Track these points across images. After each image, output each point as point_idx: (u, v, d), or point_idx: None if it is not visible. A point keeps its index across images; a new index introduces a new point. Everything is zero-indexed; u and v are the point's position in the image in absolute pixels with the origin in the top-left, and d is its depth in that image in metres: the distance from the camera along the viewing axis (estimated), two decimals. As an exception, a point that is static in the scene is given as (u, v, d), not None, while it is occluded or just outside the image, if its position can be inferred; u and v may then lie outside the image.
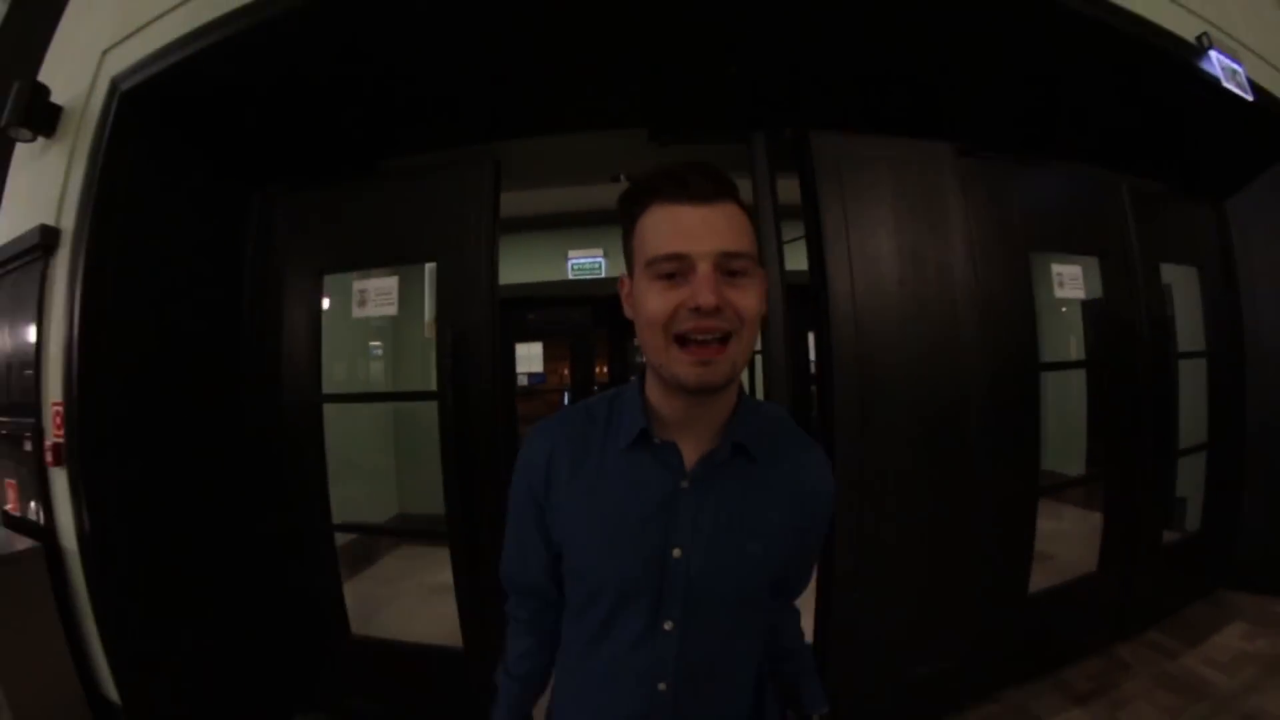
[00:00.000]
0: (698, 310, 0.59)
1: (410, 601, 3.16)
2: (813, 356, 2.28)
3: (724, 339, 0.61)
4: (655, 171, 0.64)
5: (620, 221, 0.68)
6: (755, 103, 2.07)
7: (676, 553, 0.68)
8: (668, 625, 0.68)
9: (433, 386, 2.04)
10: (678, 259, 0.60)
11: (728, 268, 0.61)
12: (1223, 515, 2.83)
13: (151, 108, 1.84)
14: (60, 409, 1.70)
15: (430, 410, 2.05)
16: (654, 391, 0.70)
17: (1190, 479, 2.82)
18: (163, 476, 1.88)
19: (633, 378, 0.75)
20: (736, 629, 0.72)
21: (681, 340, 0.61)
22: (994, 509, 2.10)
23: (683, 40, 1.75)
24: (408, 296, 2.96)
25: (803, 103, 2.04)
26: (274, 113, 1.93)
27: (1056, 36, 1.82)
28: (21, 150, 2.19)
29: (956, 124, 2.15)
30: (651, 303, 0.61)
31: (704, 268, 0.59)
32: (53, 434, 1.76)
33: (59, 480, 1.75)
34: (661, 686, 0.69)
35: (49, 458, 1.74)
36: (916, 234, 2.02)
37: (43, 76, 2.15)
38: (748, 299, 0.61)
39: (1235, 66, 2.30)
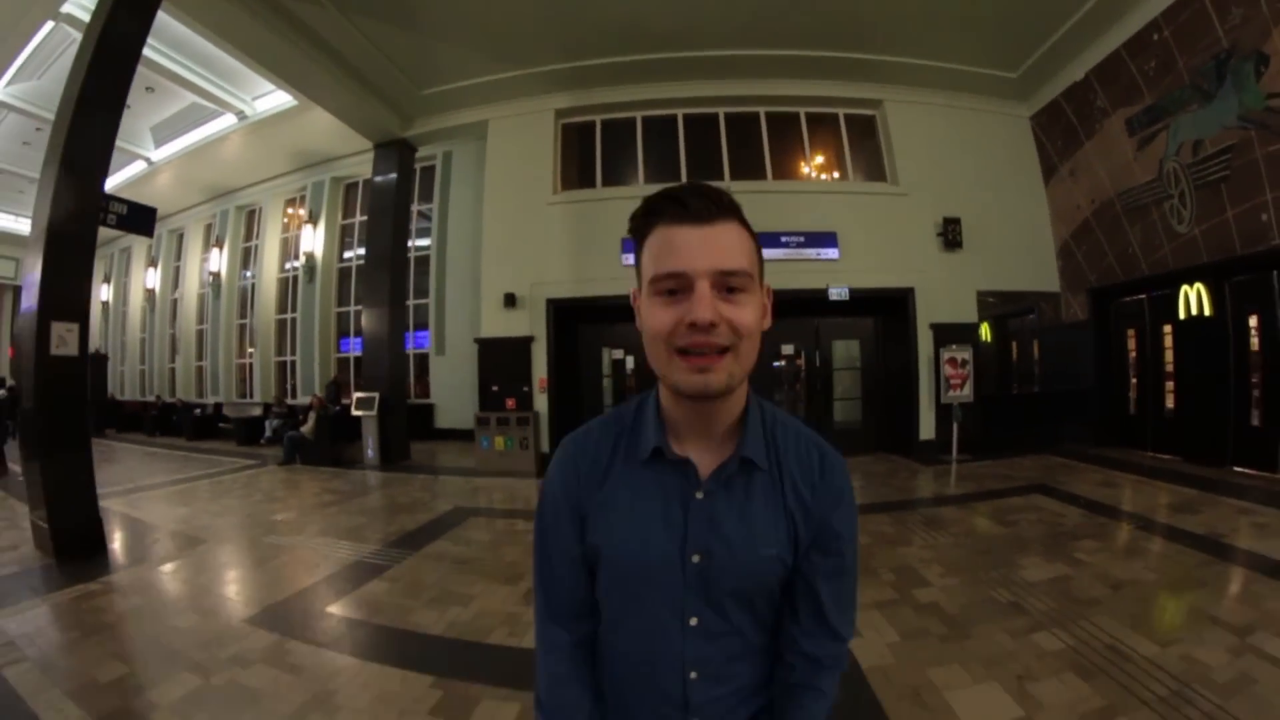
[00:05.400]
0: (694, 326, 0.62)
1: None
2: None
3: (722, 351, 0.64)
4: (660, 193, 0.68)
5: (632, 237, 0.70)
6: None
7: (695, 558, 0.71)
8: (693, 621, 0.72)
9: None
10: (676, 277, 0.64)
11: (725, 285, 0.64)
12: (863, 420, 8.58)
13: (560, 306, 7.80)
14: (545, 379, 7.57)
15: (620, 382, 8.05)
16: (665, 397, 0.74)
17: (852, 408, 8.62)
18: (564, 394, 7.88)
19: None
20: (757, 622, 0.75)
21: (683, 352, 0.65)
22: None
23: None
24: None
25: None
26: (603, 308, 7.82)
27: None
28: (494, 308, 7.99)
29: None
30: (655, 318, 0.65)
31: (702, 285, 0.63)
32: (539, 385, 7.58)
33: (540, 397, 7.61)
34: (693, 675, 0.73)
35: (540, 389, 7.57)
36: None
37: (505, 288, 7.97)
38: (744, 314, 0.65)
39: (841, 289, 8.09)
